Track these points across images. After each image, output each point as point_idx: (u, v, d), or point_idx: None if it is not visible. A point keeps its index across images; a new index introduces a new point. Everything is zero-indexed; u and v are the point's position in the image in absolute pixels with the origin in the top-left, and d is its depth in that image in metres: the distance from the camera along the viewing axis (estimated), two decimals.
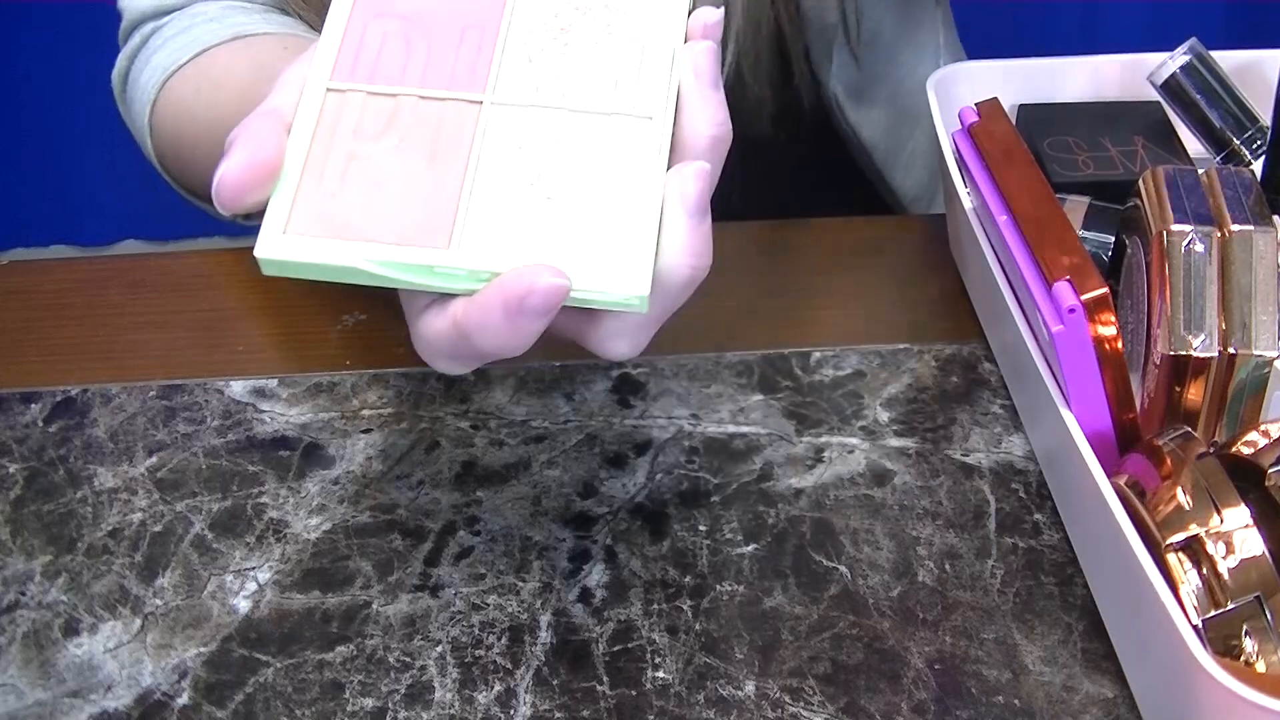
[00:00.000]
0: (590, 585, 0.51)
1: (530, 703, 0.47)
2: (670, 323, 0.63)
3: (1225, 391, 0.49)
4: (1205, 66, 0.63)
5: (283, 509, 0.55)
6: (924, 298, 0.65)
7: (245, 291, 0.66)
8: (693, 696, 0.48)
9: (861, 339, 0.62)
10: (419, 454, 0.57)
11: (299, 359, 0.62)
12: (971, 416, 0.58)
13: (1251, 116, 0.62)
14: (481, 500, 0.55)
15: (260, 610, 0.51)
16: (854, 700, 0.47)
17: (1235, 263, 0.49)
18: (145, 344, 0.63)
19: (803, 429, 0.58)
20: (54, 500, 0.55)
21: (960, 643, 0.49)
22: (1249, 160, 0.62)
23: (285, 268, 0.40)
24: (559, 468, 0.56)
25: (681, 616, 0.50)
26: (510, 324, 0.39)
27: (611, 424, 0.58)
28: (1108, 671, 0.48)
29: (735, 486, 0.55)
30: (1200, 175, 0.52)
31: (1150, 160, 0.62)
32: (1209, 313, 0.48)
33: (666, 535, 0.53)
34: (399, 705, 0.47)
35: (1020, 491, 0.55)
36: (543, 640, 0.49)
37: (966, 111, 0.57)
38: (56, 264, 0.71)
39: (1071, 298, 0.46)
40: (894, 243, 0.69)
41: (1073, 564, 0.52)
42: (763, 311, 0.64)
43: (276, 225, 0.40)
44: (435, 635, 0.50)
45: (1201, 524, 0.43)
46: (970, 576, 0.52)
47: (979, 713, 0.47)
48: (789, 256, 0.68)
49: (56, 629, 0.51)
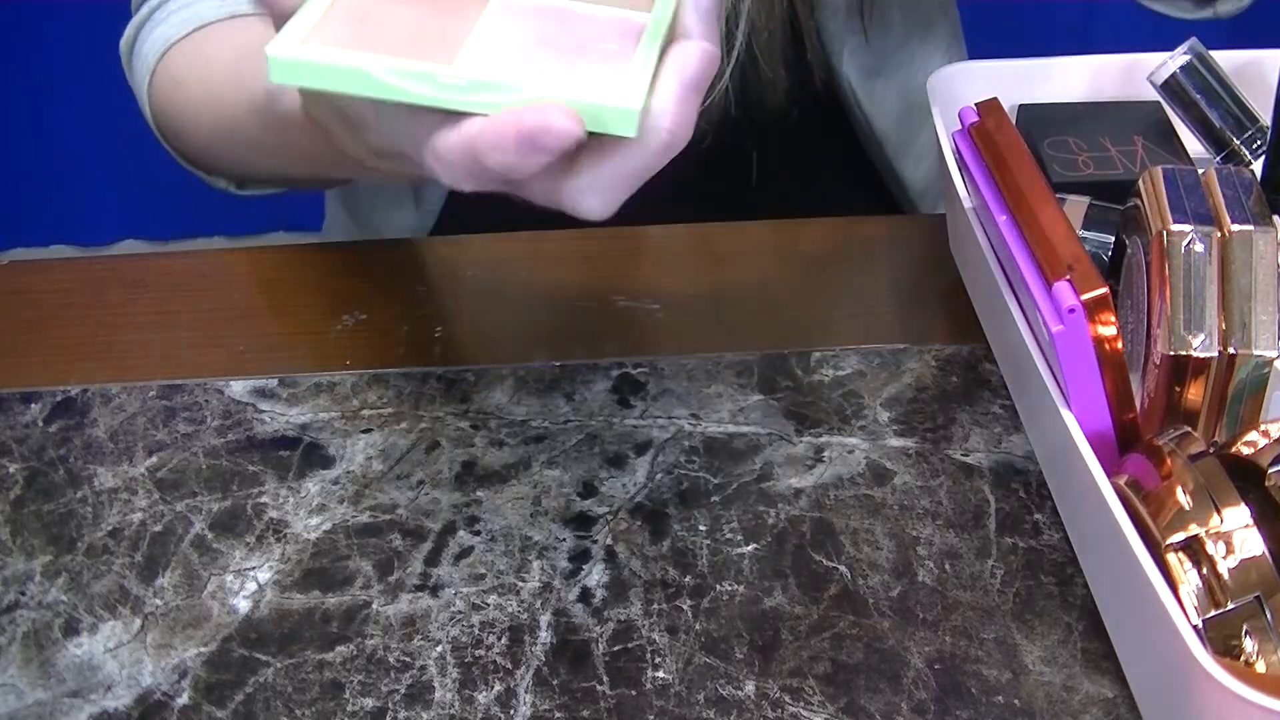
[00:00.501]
0: (590, 585, 0.51)
1: (530, 703, 0.47)
2: (670, 322, 0.63)
3: (1225, 391, 0.49)
4: (1205, 66, 0.63)
5: (283, 509, 0.55)
6: (924, 298, 0.65)
7: (245, 291, 0.66)
8: (693, 696, 0.48)
9: (861, 339, 0.62)
10: (419, 454, 0.57)
11: (299, 359, 0.62)
12: (971, 416, 0.58)
13: (1251, 116, 0.62)
14: (481, 500, 0.55)
15: (260, 610, 0.51)
16: (854, 700, 0.47)
17: (1235, 263, 0.49)
18: (145, 344, 0.63)
19: (803, 429, 0.58)
20: (54, 500, 0.55)
21: (960, 643, 0.49)
22: (1249, 160, 0.62)
23: (295, 68, 0.42)
24: (559, 468, 0.56)
25: (681, 616, 0.50)
26: (519, 154, 0.41)
27: (611, 424, 0.58)
28: (1108, 671, 0.48)
29: (735, 486, 0.55)
30: (1200, 175, 0.52)
31: (1150, 160, 0.62)
32: (1209, 313, 0.48)
33: (666, 535, 0.53)
34: (399, 705, 0.47)
35: (1020, 491, 0.55)
36: (543, 640, 0.49)
37: (966, 111, 0.57)
38: (56, 264, 0.71)
39: (1071, 298, 0.46)
40: (894, 243, 0.69)
41: (1073, 564, 0.52)
42: (763, 311, 0.64)
43: (295, 34, 0.42)
44: (435, 635, 0.50)
45: (1201, 524, 0.43)
46: (970, 576, 0.52)
47: (979, 713, 0.47)
48: (789, 256, 0.68)
49: (56, 629, 0.51)
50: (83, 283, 0.67)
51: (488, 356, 0.61)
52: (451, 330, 0.63)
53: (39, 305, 0.66)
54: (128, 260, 0.69)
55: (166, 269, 0.68)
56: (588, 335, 0.63)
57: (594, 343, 0.62)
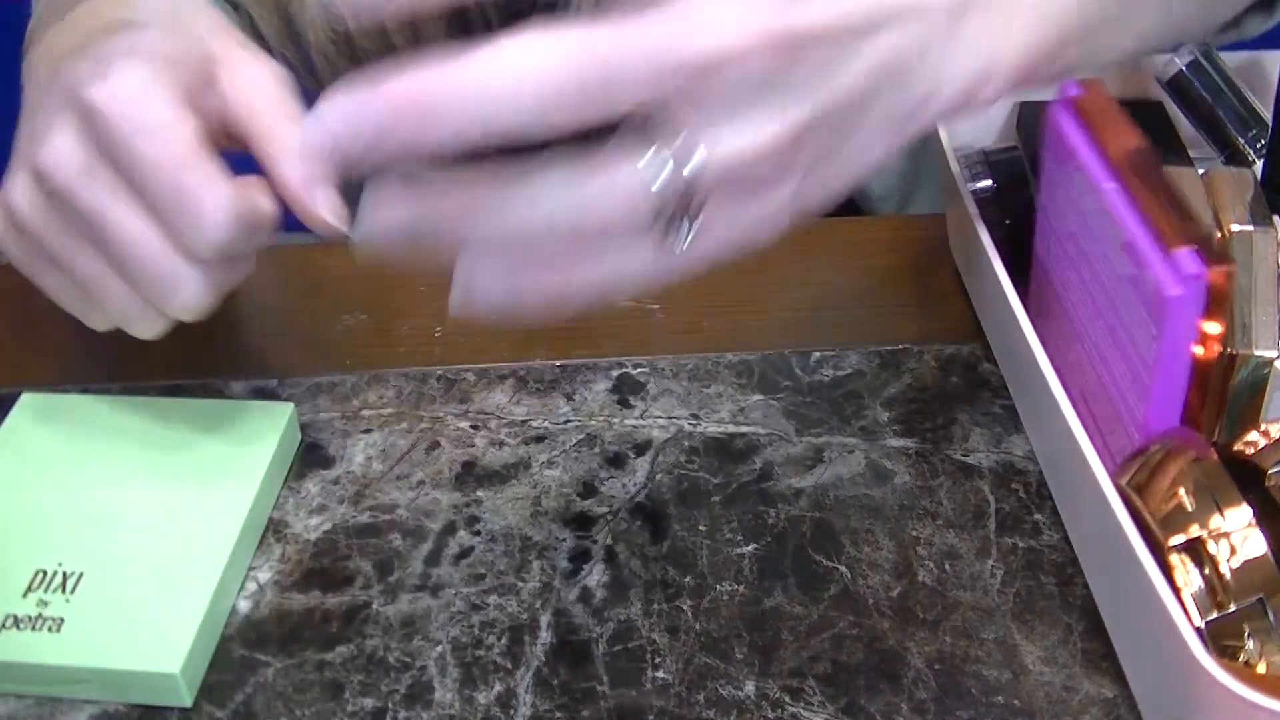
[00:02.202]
0: (590, 585, 0.51)
1: (530, 703, 0.47)
2: (670, 322, 0.63)
3: (1225, 391, 0.49)
4: (1211, 64, 0.63)
5: (283, 509, 0.55)
6: (924, 298, 0.65)
7: (246, 291, 0.66)
8: (693, 696, 0.48)
9: (861, 339, 0.62)
10: (419, 454, 0.57)
11: (299, 359, 0.62)
12: (971, 416, 0.58)
13: (1256, 115, 0.62)
14: (481, 500, 0.55)
15: (260, 610, 0.51)
16: (854, 700, 0.47)
17: (1235, 263, 0.49)
18: (145, 344, 0.63)
19: (803, 429, 0.58)
20: None
21: (960, 643, 0.49)
22: (1252, 160, 0.62)
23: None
24: (559, 468, 0.56)
25: (681, 616, 0.50)
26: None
27: (611, 424, 0.58)
28: (1108, 671, 0.48)
29: (735, 486, 0.55)
30: (1201, 175, 0.52)
31: None
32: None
33: (666, 535, 0.53)
34: (399, 705, 0.47)
35: (1020, 491, 0.55)
36: (543, 640, 0.49)
37: (1069, 84, 0.55)
38: None
39: (1196, 265, 0.44)
40: (894, 243, 0.69)
41: (1073, 564, 0.52)
42: (763, 311, 0.64)
43: None
44: (435, 635, 0.50)
45: (1203, 525, 0.43)
46: (970, 576, 0.51)
47: (979, 713, 0.47)
48: (788, 256, 0.68)
49: None
50: None
51: (488, 356, 0.61)
52: (451, 330, 0.63)
53: (39, 305, 0.66)
54: None
55: None
56: (588, 335, 0.63)
57: (594, 343, 0.62)
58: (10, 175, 0.49)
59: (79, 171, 0.46)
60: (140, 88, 0.46)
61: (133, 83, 0.46)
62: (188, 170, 0.45)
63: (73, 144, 0.46)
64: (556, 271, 0.36)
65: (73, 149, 0.46)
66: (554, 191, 0.33)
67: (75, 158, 0.46)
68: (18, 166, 0.48)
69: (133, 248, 0.46)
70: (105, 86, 0.45)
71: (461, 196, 0.34)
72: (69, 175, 0.46)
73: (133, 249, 0.46)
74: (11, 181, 0.48)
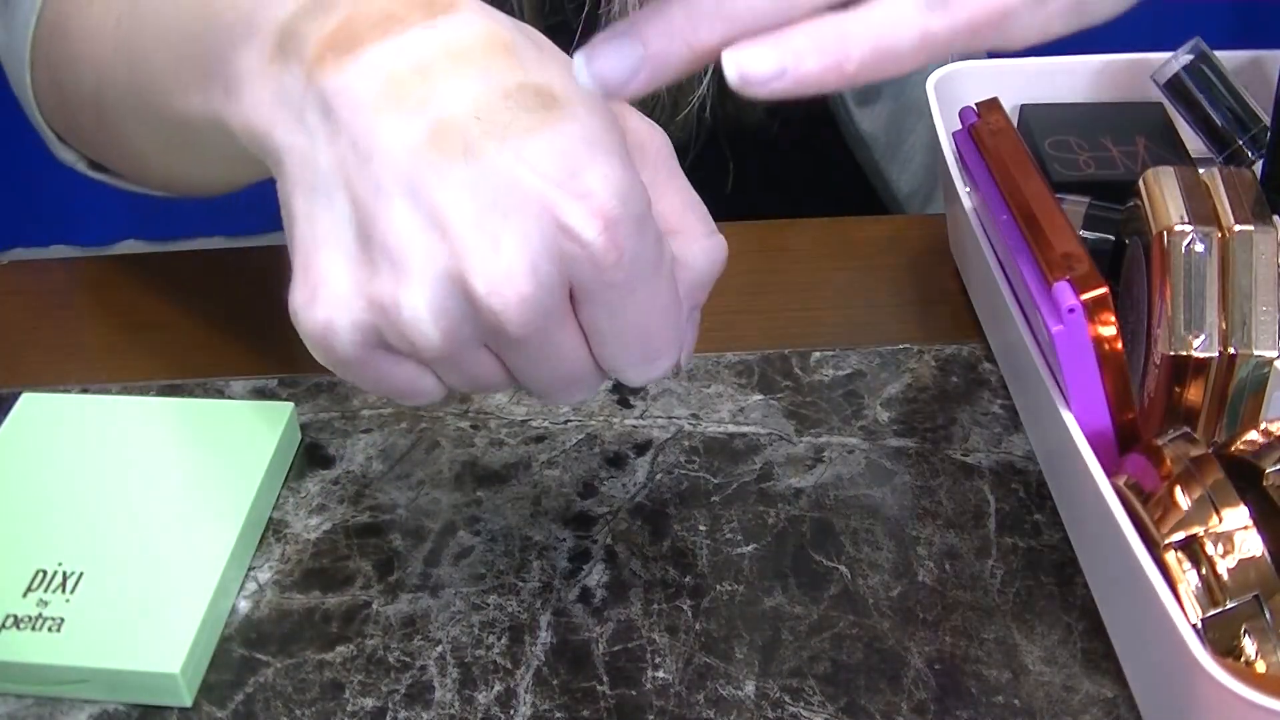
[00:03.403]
0: (590, 585, 0.51)
1: (530, 703, 0.47)
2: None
3: (1225, 391, 0.49)
4: (1209, 66, 0.63)
5: (283, 509, 0.55)
6: (924, 298, 0.65)
7: (245, 291, 0.66)
8: (693, 696, 0.48)
9: (861, 339, 0.62)
10: (419, 454, 0.57)
11: (299, 359, 0.62)
12: (971, 416, 0.58)
13: (1255, 116, 0.62)
14: (481, 500, 0.55)
15: (260, 610, 0.51)
16: (854, 700, 0.47)
17: (1235, 263, 0.49)
18: (145, 344, 0.63)
19: (803, 429, 0.58)
20: None
21: (960, 643, 0.49)
22: (1251, 160, 0.62)
23: None
24: (559, 468, 0.56)
25: (681, 616, 0.50)
26: None
27: (611, 424, 0.58)
28: (1108, 671, 0.48)
29: (735, 486, 0.55)
30: (1200, 175, 0.52)
31: (1151, 160, 0.62)
32: (1209, 313, 0.49)
33: (666, 535, 0.53)
34: (399, 705, 0.47)
35: (1020, 491, 0.55)
36: (543, 640, 0.49)
37: (967, 111, 0.57)
38: (56, 264, 0.71)
39: (1071, 298, 0.46)
40: (894, 243, 0.69)
41: (1073, 564, 0.52)
42: (763, 311, 0.64)
43: None
44: (435, 635, 0.50)
45: (1201, 524, 0.43)
46: (970, 576, 0.51)
47: (979, 713, 0.47)
48: (789, 256, 0.68)
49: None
50: (83, 283, 0.68)
51: None
52: None
53: (39, 305, 0.66)
54: (128, 260, 0.69)
55: (167, 269, 0.68)
56: None
57: None
58: (377, 277, 0.38)
59: (545, 315, 0.37)
60: (632, 180, 0.37)
61: (630, 177, 0.37)
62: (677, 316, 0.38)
63: (537, 274, 0.36)
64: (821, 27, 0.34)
65: (538, 283, 0.36)
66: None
67: (543, 293, 0.36)
68: (394, 272, 0.37)
69: (571, 376, 0.40)
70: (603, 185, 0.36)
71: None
72: (532, 318, 0.36)
73: (570, 376, 0.40)
74: (398, 287, 0.37)
